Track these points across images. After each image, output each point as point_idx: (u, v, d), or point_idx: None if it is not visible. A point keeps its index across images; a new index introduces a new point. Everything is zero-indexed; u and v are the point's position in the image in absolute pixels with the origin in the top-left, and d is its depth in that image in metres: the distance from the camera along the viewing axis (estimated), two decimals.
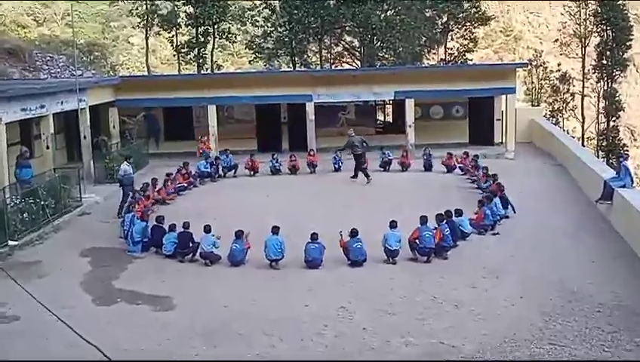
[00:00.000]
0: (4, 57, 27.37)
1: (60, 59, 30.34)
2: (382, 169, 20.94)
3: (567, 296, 10.36)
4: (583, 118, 36.12)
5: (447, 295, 10.54)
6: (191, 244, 12.67)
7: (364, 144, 19.49)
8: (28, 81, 23.45)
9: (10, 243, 13.08)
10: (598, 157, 29.92)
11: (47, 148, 17.31)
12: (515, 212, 15.10)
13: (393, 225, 12.45)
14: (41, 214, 14.37)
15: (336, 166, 21.01)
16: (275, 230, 12.34)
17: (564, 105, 36.38)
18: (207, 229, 12.64)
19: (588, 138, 36.06)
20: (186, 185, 18.64)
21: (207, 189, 19.23)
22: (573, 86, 36.65)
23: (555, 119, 35.00)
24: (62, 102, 17.94)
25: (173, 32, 32.95)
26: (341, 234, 12.17)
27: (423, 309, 10.03)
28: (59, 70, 28.74)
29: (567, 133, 30.97)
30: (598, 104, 35.47)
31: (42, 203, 14.37)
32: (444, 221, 12.75)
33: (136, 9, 32.91)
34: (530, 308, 10.00)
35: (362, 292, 10.84)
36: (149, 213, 14.70)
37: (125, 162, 17.02)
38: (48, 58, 29.77)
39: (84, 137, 19.26)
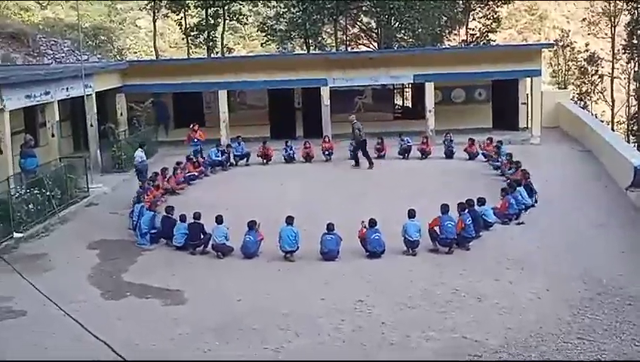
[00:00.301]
0: (7, 42, 27.25)
1: (64, 43, 30.14)
2: (401, 156, 20.53)
3: (595, 288, 10.14)
4: (613, 101, 35.38)
5: (470, 287, 10.35)
6: (202, 236, 12.51)
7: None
8: (32, 67, 23.25)
9: (16, 235, 12.96)
10: (628, 142, 29.35)
11: (53, 136, 17.21)
12: (537, 201, 14.70)
13: (412, 214, 12.19)
14: (47, 205, 14.24)
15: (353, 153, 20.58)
16: (290, 220, 12.12)
17: (593, 87, 35.71)
18: (219, 220, 12.44)
19: (618, 122, 35.49)
20: (196, 174, 18.43)
21: (219, 178, 19.08)
22: (602, 67, 35.96)
23: (582, 102, 34.42)
24: (67, 89, 17.79)
25: (181, 14, 32.67)
26: (364, 226, 11.90)
27: (445, 302, 9.86)
28: (64, 55, 28.54)
29: (596, 117, 30.46)
30: (628, 86, 34.80)
31: (48, 193, 14.23)
32: (466, 210, 12.45)
33: None
34: (557, 301, 9.75)
35: (381, 284, 10.67)
36: (158, 203, 14.52)
37: (140, 149, 16.96)
38: (53, 42, 29.56)
39: (91, 125, 19.09)
